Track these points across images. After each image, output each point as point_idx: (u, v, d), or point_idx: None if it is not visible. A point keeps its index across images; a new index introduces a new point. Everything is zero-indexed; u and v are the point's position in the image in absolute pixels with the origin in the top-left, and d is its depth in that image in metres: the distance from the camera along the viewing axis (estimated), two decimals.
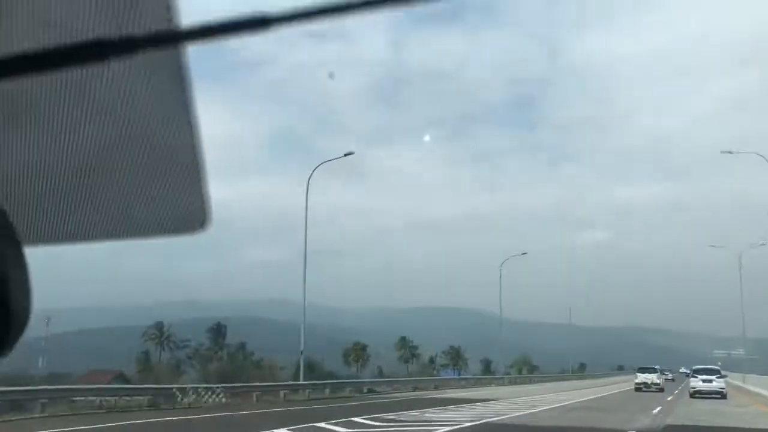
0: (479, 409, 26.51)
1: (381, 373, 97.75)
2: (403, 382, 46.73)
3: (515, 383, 61.18)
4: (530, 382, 67.31)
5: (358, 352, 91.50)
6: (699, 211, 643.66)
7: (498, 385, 56.55)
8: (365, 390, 38.58)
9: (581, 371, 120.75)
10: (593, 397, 37.82)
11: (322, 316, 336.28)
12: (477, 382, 57.36)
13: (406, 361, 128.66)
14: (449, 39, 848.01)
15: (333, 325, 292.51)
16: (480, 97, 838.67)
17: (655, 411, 26.87)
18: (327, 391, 34.71)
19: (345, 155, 36.97)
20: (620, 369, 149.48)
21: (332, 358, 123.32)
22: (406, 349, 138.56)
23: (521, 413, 24.39)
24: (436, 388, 46.40)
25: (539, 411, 25.78)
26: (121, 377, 71.97)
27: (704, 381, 39.28)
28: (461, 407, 26.92)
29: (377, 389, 40.20)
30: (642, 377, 47.57)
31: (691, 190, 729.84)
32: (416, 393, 40.09)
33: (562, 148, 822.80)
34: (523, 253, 66.13)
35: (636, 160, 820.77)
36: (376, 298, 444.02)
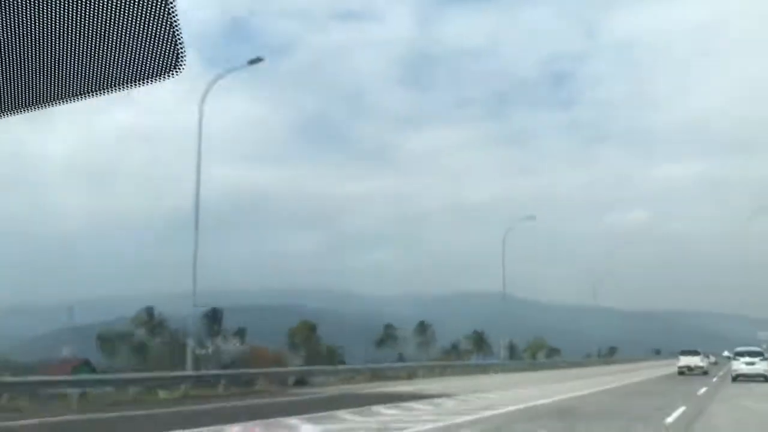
0: (391, 413, 16.42)
1: (401, 359, 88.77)
2: (353, 372, 35.81)
3: (519, 370, 50.69)
4: (540, 368, 56.64)
5: (305, 332, 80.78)
6: (742, 189, 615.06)
7: (496, 372, 46.17)
8: (291, 382, 28.44)
9: (610, 355, 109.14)
10: (598, 389, 27.27)
11: (355, 303, 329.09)
12: (468, 370, 47.07)
13: (424, 347, 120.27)
14: (480, 16, 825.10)
15: (366, 313, 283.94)
16: (514, 76, 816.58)
17: (671, 417, 16.35)
18: (221, 384, 24.80)
19: (250, 63, 27.10)
20: (657, 353, 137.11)
21: (361, 345, 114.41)
22: (425, 334, 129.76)
23: (442, 424, 14.22)
24: (409, 377, 36.19)
25: (483, 417, 15.56)
26: (87, 366, 64.02)
27: (747, 363, 37.36)
28: (364, 413, 16.76)
29: (312, 380, 30.07)
30: (684, 360, 45.24)
31: (732, 169, 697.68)
32: (366, 385, 30.01)
33: (600, 126, 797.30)
34: (529, 217, 55.53)
35: (675, 139, 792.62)
36: (410, 284, 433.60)
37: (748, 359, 37.71)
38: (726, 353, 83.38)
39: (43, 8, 1.12)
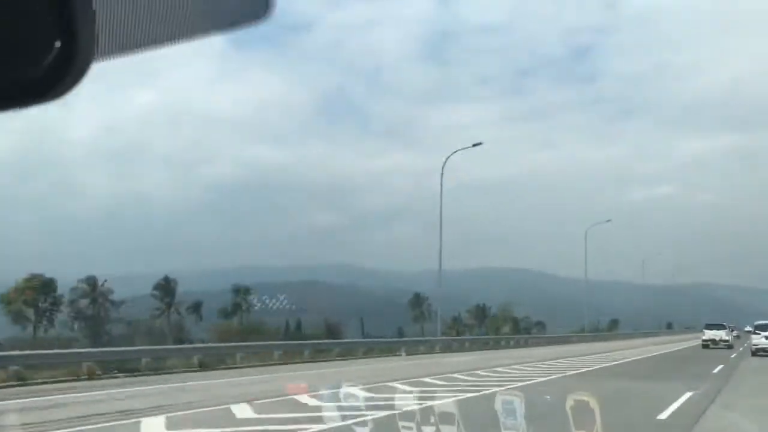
0: None
1: (400, 334, 75.93)
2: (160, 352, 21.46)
3: (452, 351, 35.92)
4: (489, 346, 41.51)
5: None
6: None
7: (404, 354, 31.44)
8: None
9: (610, 329, 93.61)
10: (472, 394, 12.69)
11: (380, 279, 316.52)
12: (377, 350, 32.51)
13: (417, 321, 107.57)
14: None
15: (391, 288, 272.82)
16: (535, 51, 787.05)
17: None
18: None
19: None
20: (669, 327, 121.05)
21: (384, 320, 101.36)
22: (420, 307, 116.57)
23: None
24: (242, 360, 21.60)
25: None
26: None
27: (767, 338, 33.96)
28: None
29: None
30: (710, 334, 43.29)
31: (763, 141, 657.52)
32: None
33: (624, 101, 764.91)
34: (478, 144, 41.04)
35: (703, 112, 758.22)
36: (432, 260, 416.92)
37: None
38: (748, 327, 72.04)
39: None
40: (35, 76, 1.01)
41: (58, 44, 1.00)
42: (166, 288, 78.97)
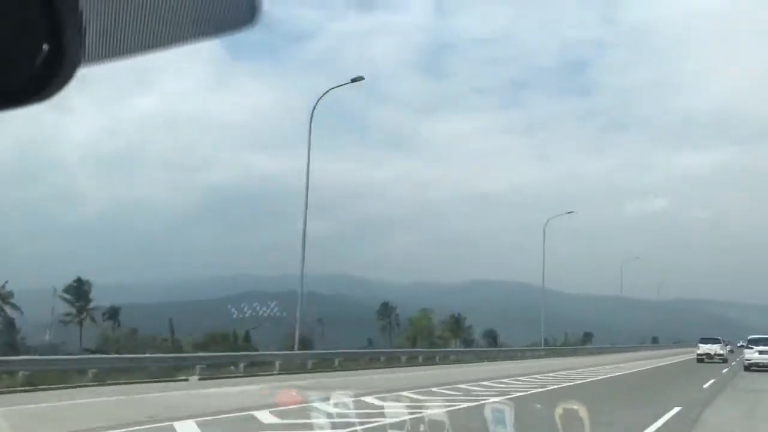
0: None
1: (370, 344, 71.18)
2: None
3: (307, 370, 24.54)
4: (366, 365, 30.15)
5: None
6: (762, 178, 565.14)
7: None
8: None
9: (584, 343, 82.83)
10: None
11: (371, 290, 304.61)
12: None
13: (384, 331, 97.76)
14: (498, 3, 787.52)
15: (380, 299, 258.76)
16: (531, 63, 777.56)
17: None
18: None
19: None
20: (654, 341, 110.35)
21: (366, 331, 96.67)
22: (388, 317, 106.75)
23: None
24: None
25: None
26: None
27: (761, 352, 32.42)
28: None
29: None
30: (704, 348, 42.14)
31: (754, 157, 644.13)
32: None
33: (619, 114, 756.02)
34: (358, 78, 31.72)
35: (697, 126, 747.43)
36: (425, 272, 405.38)
37: (762, 347, 32.56)
38: (741, 342, 67.76)
39: None
40: (23, 78, 1.01)
41: (45, 47, 1.00)
42: (78, 291, 67.79)
